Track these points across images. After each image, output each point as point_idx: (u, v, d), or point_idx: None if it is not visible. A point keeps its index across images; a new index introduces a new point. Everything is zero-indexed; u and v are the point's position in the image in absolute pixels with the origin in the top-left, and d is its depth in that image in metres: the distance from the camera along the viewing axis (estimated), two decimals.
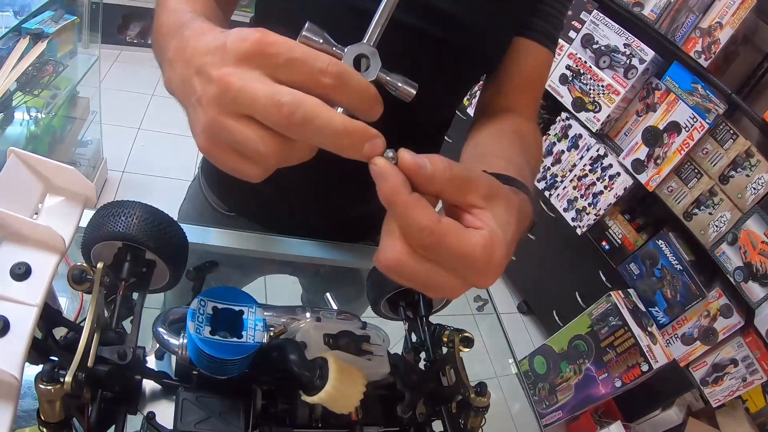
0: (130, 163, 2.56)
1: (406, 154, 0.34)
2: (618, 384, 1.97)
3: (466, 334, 0.56)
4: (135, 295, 0.51)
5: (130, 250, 0.50)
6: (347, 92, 0.34)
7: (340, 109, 0.34)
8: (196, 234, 0.56)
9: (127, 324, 0.49)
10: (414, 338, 0.61)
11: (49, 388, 0.36)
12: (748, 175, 1.81)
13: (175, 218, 0.53)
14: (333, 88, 0.33)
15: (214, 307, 0.42)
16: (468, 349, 0.56)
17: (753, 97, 1.90)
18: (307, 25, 0.35)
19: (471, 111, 2.16)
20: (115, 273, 0.49)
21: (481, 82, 0.81)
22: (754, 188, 1.78)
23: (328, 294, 0.57)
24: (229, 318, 0.42)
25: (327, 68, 0.33)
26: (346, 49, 0.36)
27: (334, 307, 0.56)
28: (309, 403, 0.48)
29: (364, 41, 0.37)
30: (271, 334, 0.47)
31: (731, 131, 1.84)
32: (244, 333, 0.41)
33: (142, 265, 0.51)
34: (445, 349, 0.58)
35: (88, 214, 0.51)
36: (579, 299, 2.32)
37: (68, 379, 0.36)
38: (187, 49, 0.38)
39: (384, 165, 0.34)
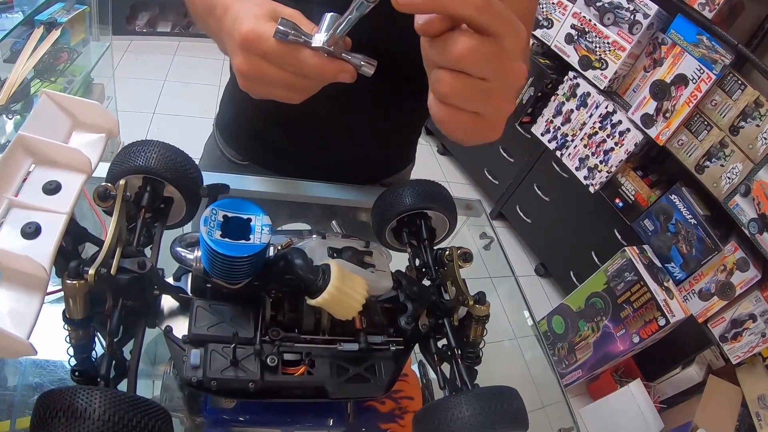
0: None
1: None
2: (636, 340, 1.97)
3: (464, 250, 0.59)
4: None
5: (149, 183, 0.54)
6: (305, 69, 0.47)
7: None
8: (209, 179, 0.60)
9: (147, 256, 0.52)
10: (417, 263, 0.64)
11: (74, 282, 0.39)
12: (758, 125, 1.79)
13: None
14: (295, 67, 0.48)
15: (224, 215, 0.45)
16: (468, 264, 0.59)
17: (762, 48, 1.87)
18: (280, 20, 0.46)
19: None
20: (136, 205, 0.53)
21: None
22: (765, 138, 1.76)
23: (333, 221, 0.60)
24: (239, 225, 0.45)
25: (287, 57, 0.47)
26: (312, 39, 0.47)
27: (339, 231, 0.59)
28: (316, 316, 0.52)
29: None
30: (279, 247, 0.50)
31: (739, 81, 1.81)
32: (251, 236, 0.45)
33: (160, 197, 0.55)
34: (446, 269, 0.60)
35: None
36: (595, 258, 2.33)
37: (91, 272, 0.39)
38: (223, 30, 0.53)
39: None
